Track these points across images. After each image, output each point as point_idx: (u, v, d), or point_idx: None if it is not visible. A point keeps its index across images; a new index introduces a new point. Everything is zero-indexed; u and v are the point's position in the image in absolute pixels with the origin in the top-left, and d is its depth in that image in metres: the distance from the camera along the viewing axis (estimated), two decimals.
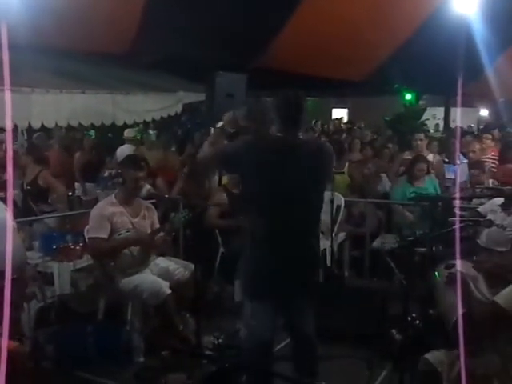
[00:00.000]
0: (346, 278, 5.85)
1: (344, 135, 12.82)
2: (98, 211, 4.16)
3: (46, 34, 5.49)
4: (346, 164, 6.90)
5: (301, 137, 2.99)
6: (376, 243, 5.85)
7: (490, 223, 3.63)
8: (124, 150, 7.56)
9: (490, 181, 5.81)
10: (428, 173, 6.00)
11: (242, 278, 3.19)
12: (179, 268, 4.28)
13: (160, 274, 4.19)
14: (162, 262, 4.34)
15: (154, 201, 5.24)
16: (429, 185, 5.89)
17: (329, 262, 5.50)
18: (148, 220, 4.30)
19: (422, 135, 7.12)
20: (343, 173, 6.70)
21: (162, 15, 6.60)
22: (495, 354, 2.70)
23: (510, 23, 7.85)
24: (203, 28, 6.67)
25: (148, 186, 6.10)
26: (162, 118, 8.36)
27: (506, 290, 2.54)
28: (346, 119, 20.50)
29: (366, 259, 5.88)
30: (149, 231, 4.24)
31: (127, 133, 8.22)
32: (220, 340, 4.03)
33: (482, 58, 8.37)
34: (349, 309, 4.40)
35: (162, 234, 4.21)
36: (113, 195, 4.32)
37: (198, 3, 6.40)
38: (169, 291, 3.99)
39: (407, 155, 6.86)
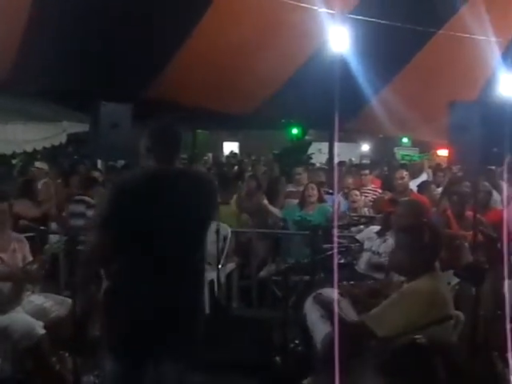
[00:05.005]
0: (233, 309, 5.85)
1: (236, 168, 13.07)
2: None
3: None
4: (235, 196, 6.95)
5: (177, 167, 2.80)
6: (263, 272, 5.93)
7: (361, 248, 3.82)
8: None
9: (366, 209, 6.15)
10: (321, 201, 6.16)
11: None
12: (55, 305, 4.04)
13: (34, 312, 3.92)
14: (36, 299, 4.07)
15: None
16: (318, 213, 5.98)
17: (216, 293, 5.48)
18: (19, 253, 4.03)
19: (300, 169, 7.42)
20: (229, 204, 6.69)
21: (44, 42, 6.39)
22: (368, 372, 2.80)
23: (385, 64, 8.51)
24: (87, 57, 6.53)
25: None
26: (44, 148, 8.01)
27: (374, 311, 2.66)
28: (237, 152, 20.88)
29: (254, 289, 5.93)
30: (20, 265, 3.98)
31: (38, 165, 8.15)
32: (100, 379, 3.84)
33: (360, 95, 8.97)
34: (236, 339, 4.39)
35: (35, 267, 3.95)
36: None
37: (81, 31, 6.28)
38: (43, 331, 3.73)
39: (290, 188, 7.11)
